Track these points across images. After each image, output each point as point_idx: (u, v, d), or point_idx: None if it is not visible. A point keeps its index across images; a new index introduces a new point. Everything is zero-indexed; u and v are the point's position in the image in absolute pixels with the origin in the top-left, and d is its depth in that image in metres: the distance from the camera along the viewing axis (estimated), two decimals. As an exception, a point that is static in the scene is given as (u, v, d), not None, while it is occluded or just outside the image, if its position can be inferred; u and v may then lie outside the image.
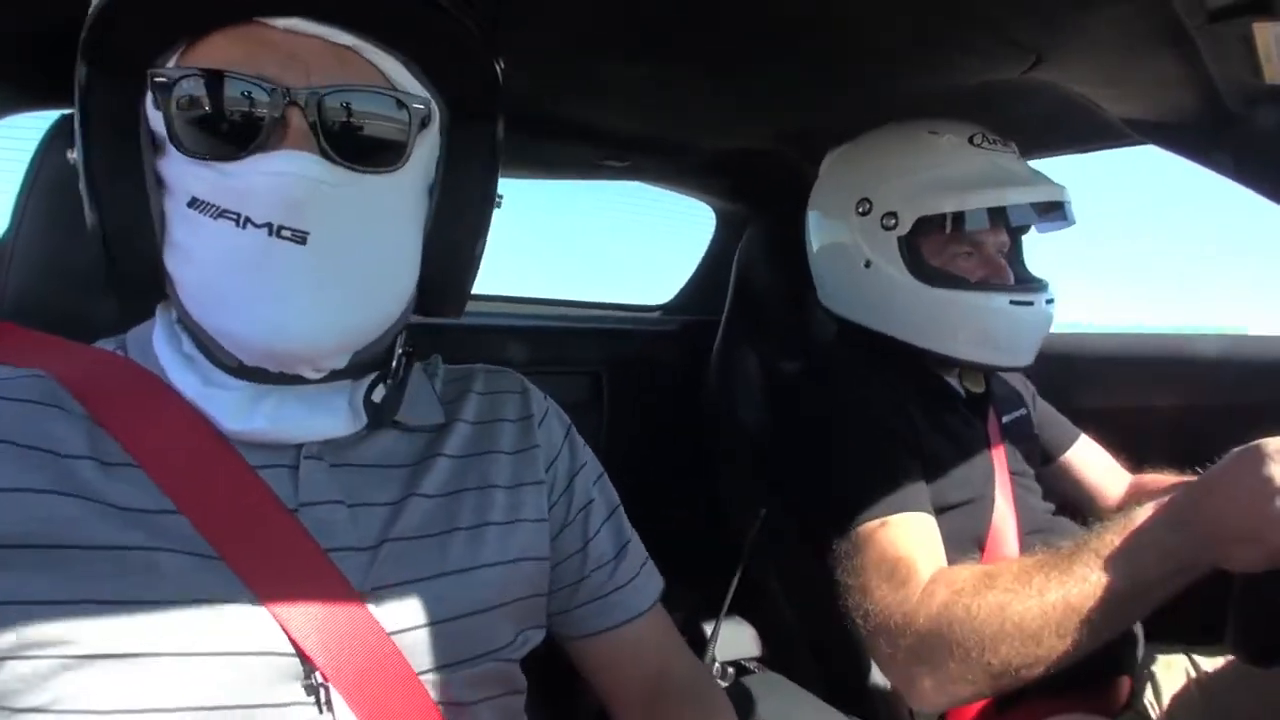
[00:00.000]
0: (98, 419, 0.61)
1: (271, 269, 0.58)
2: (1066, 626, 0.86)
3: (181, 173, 0.61)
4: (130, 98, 0.62)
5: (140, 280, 0.65)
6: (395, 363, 0.71)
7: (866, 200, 1.25)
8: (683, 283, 2.05)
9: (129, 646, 0.54)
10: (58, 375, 0.62)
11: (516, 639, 0.73)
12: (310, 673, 0.59)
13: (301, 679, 0.59)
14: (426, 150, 0.68)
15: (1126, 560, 0.86)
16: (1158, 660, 1.22)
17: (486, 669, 0.69)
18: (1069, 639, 0.87)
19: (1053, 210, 1.25)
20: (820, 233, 1.36)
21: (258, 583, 0.59)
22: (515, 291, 1.86)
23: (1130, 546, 0.86)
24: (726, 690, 0.99)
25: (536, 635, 0.77)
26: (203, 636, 0.56)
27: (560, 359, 1.66)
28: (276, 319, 0.59)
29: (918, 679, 0.97)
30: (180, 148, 0.60)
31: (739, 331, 1.63)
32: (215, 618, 0.57)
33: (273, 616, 0.58)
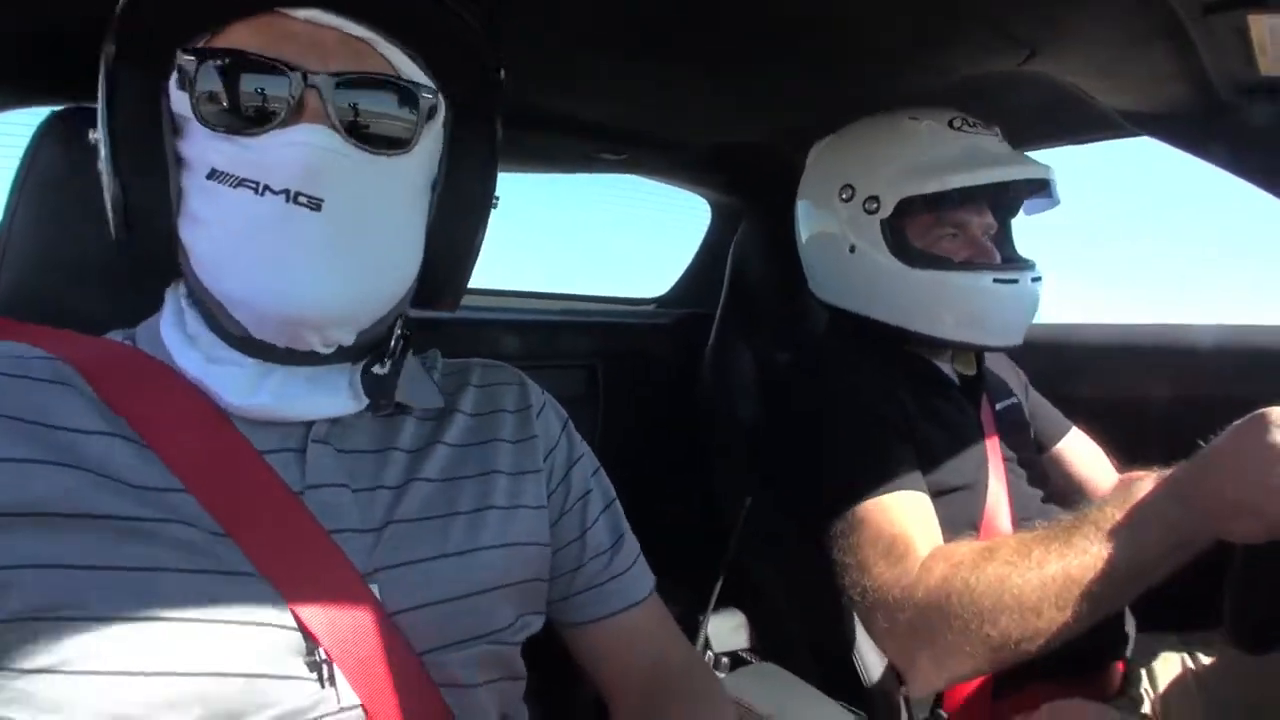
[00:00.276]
0: (107, 401, 0.62)
1: (287, 234, 0.61)
2: (1066, 599, 0.86)
3: (203, 147, 0.63)
4: (154, 81, 0.65)
5: (155, 257, 0.68)
6: (394, 343, 0.72)
7: (849, 186, 1.26)
8: (677, 276, 2.05)
9: (137, 611, 0.55)
10: (68, 358, 0.64)
11: (516, 622, 0.73)
12: (313, 649, 0.60)
13: (304, 655, 0.60)
14: (431, 142, 0.71)
15: (1128, 533, 0.86)
16: (1152, 646, 1.23)
17: (486, 651, 0.70)
18: (1068, 612, 0.87)
19: (1036, 190, 1.26)
20: (808, 222, 1.37)
21: (264, 561, 0.60)
22: (510, 285, 1.85)
23: (1131, 519, 0.86)
24: (722, 680, 0.99)
25: (536, 621, 0.78)
26: (209, 606, 0.57)
27: (555, 353, 1.66)
28: (290, 283, 0.62)
29: (916, 654, 0.98)
30: (202, 121, 0.62)
31: (734, 325, 1.63)
32: (222, 588, 0.58)
33: (277, 592, 0.60)
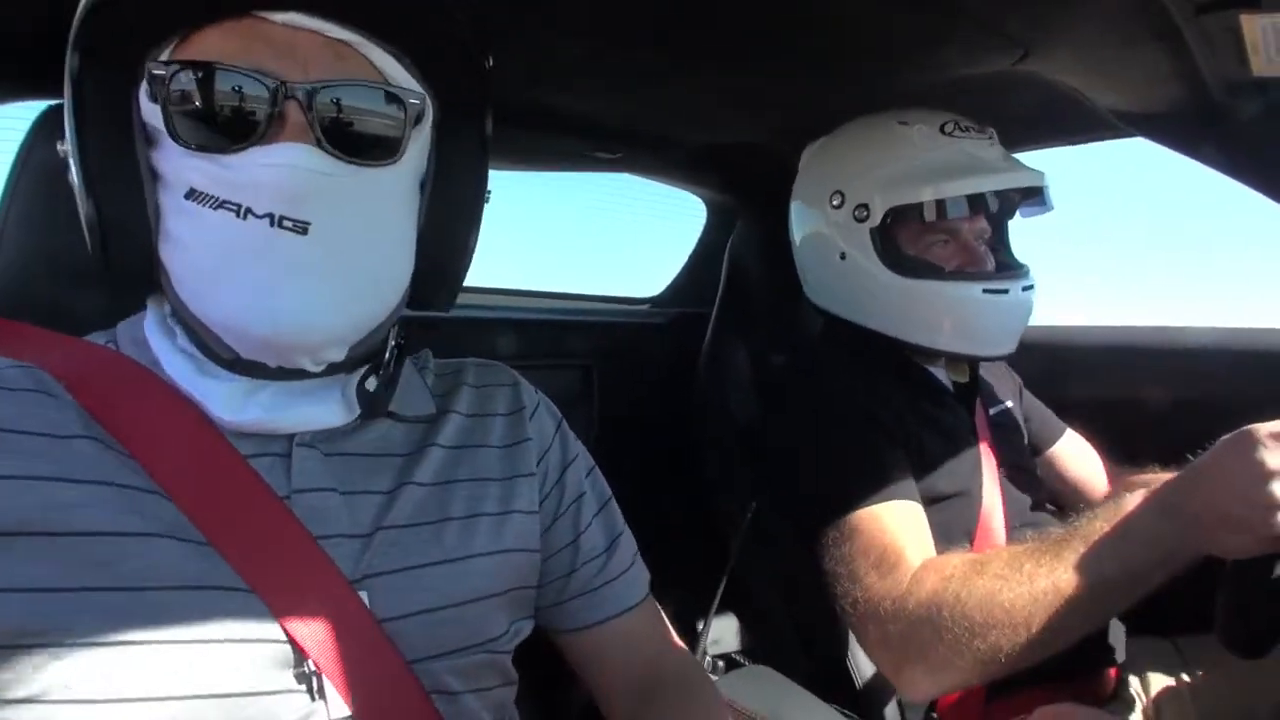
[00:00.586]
0: (88, 409, 0.61)
1: (273, 259, 0.59)
2: (1056, 613, 0.86)
3: (178, 165, 0.61)
4: (123, 89, 0.62)
5: (133, 273, 0.65)
6: (388, 354, 0.71)
7: (839, 193, 1.26)
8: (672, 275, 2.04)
9: (121, 635, 0.54)
10: (47, 367, 0.62)
11: (510, 629, 0.73)
12: (301, 661, 0.59)
13: (293, 667, 0.59)
14: (420, 144, 0.69)
15: (1116, 547, 0.86)
16: (1144, 650, 1.23)
17: (479, 659, 0.69)
18: (1059, 626, 0.87)
19: (1029, 196, 1.26)
20: (800, 225, 1.37)
21: (248, 570, 0.59)
22: (505, 284, 1.85)
23: (1120, 533, 0.87)
24: (716, 682, 0.99)
25: (526, 626, 0.77)
26: (195, 625, 0.56)
27: (550, 352, 1.66)
28: (278, 309, 0.60)
29: (907, 666, 0.97)
30: (177, 139, 0.60)
31: (729, 324, 1.63)
32: (207, 606, 0.57)
33: (264, 604, 0.58)
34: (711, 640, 1.29)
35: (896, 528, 1.03)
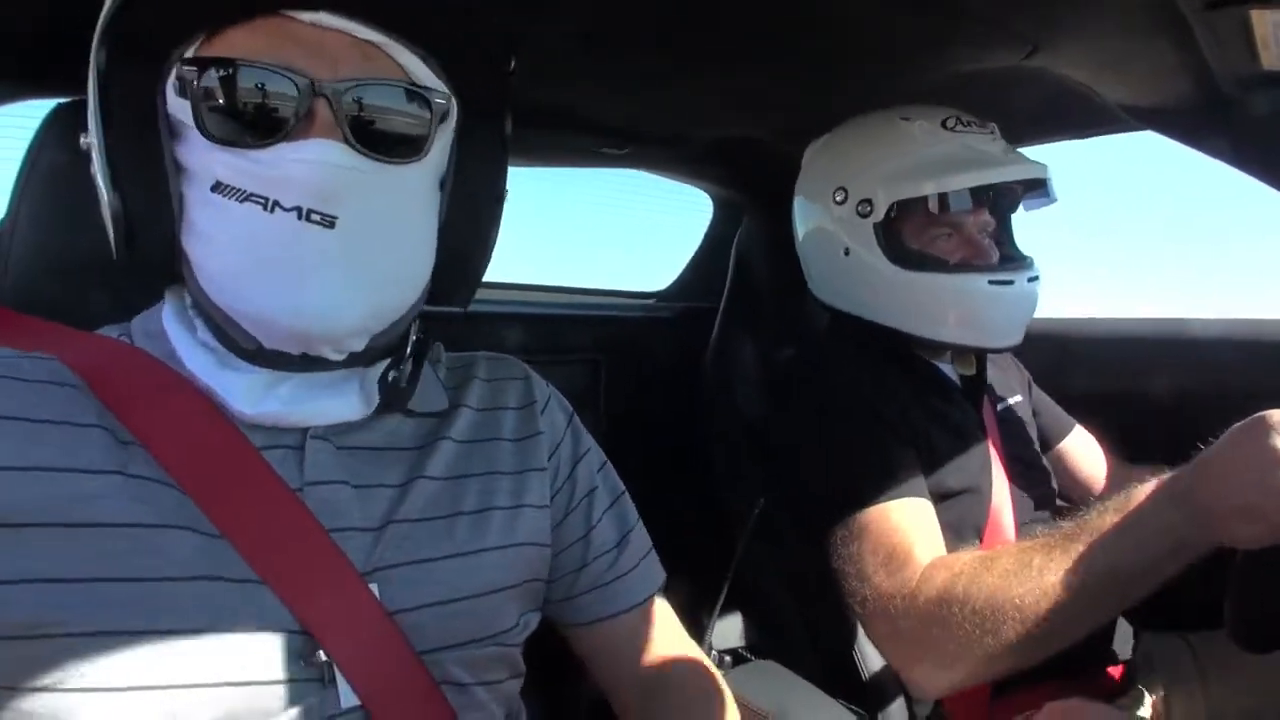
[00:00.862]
0: (102, 400, 0.61)
1: (300, 252, 0.60)
2: (1066, 607, 0.86)
3: (205, 158, 0.62)
4: (149, 83, 0.63)
5: (155, 264, 0.66)
6: (410, 348, 0.72)
7: (842, 189, 1.26)
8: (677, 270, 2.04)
9: (134, 625, 0.55)
10: (64, 359, 0.63)
11: (519, 622, 0.73)
12: (314, 651, 0.59)
13: (305, 657, 0.60)
14: (443, 143, 0.70)
15: (1127, 538, 0.86)
16: (1154, 645, 1.23)
17: (489, 652, 0.69)
18: (1069, 620, 0.87)
19: (1034, 188, 1.26)
20: (804, 221, 1.37)
21: (261, 561, 0.59)
22: (513, 278, 1.85)
23: (1131, 525, 0.86)
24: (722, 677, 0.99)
25: (535, 619, 0.77)
26: (207, 615, 0.57)
27: (558, 346, 1.66)
28: (304, 299, 0.61)
29: (917, 663, 0.98)
30: (207, 134, 0.61)
31: (736, 319, 1.63)
32: (219, 597, 0.58)
33: (276, 595, 0.59)
34: (718, 635, 1.29)
35: (905, 525, 1.03)
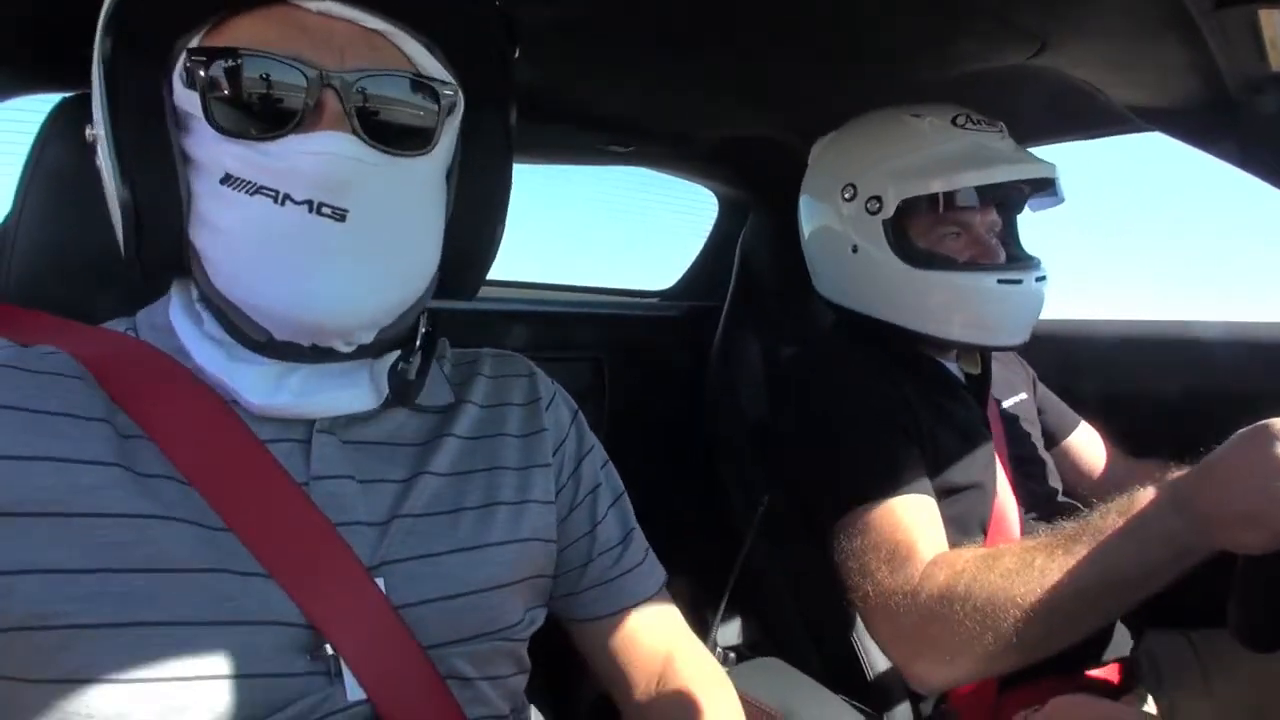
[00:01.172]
0: (110, 394, 0.61)
1: (311, 244, 0.60)
2: (1068, 607, 0.87)
3: (213, 150, 0.61)
4: (154, 73, 0.63)
5: (163, 257, 0.65)
6: (419, 341, 0.72)
7: (851, 186, 1.26)
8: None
9: (139, 617, 0.55)
10: (70, 352, 0.63)
11: (525, 617, 0.73)
12: (319, 644, 0.60)
13: (311, 651, 0.60)
14: (450, 135, 0.69)
15: (1129, 542, 0.86)
16: (1159, 642, 1.23)
17: (495, 647, 0.70)
18: (1070, 620, 0.87)
19: (1041, 187, 1.26)
20: (810, 219, 1.37)
21: (267, 555, 0.59)
22: (517, 276, 1.85)
23: (1133, 528, 0.86)
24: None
25: (541, 615, 0.78)
26: (214, 606, 0.57)
27: (561, 344, 1.66)
28: (315, 292, 0.61)
29: (919, 659, 0.98)
30: (214, 125, 0.60)
31: (741, 318, 1.62)
32: (225, 589, 0.58)
33: (282, 588, 0.59)
34: (722, 632, 1.29)
35: (909, 522, 1.03)
